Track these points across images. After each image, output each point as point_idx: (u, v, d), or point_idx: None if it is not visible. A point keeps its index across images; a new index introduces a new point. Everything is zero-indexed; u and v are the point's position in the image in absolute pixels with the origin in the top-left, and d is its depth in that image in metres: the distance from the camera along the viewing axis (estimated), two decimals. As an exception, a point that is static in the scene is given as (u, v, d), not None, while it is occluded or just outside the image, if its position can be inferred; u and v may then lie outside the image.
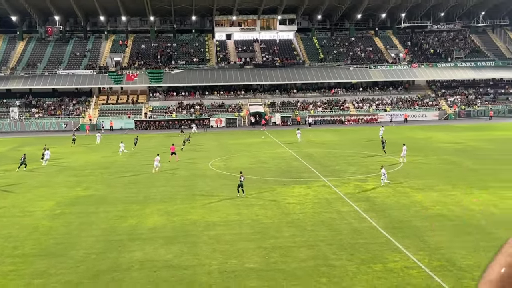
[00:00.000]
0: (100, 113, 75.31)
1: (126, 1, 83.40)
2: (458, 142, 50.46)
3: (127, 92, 79.85)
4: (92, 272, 19.39)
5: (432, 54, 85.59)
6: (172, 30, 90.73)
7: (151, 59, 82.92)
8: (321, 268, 19.42)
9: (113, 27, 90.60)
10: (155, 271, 19.41)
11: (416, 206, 27.53)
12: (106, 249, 22.01)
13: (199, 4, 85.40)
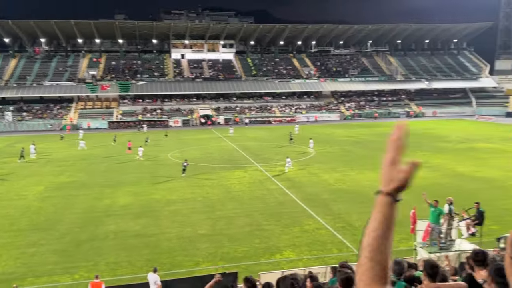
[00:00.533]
0: (79, 116, 71.80)
1: (100, 27, 79.96)
2: (353, 136, 52.17)
3: (101, 99, 76.48)
4: (75, 242, 18.57)
5: (334, 71, 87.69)
6: (137, 50, 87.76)
7: (121, 73, 79.81)
8: (255, 232, 19.55)
9: (89, 48, 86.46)
10: (126, 239, 18.84)
11: (324, 183, 28.27)
12: (86, 223, 21.12)
13: (158, 31, 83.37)
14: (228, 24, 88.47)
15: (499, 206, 21.70)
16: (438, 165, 32.99)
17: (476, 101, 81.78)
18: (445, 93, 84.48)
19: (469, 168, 31.46)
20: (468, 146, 42.18)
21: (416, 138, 48.06)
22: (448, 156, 36.92)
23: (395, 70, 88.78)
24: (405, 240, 17.45)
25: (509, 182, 27.12)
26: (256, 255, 16.93)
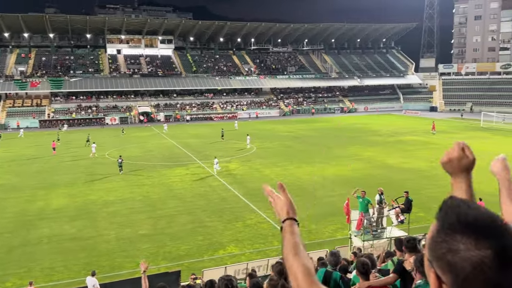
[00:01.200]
0: (7, 114, 66.58)
1: (28, 21, 74.51)
2: (292, 131, 53.33)
3: (31, 97, 71.42)
4: (6, 248, 17.29)
5: (273, 69, 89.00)
6: (70, 45, 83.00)
7: (52, 69, 74.99)
8: (198, 229, 19.39)
9: (17, 42, 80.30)
10: (62, 243, 17.86)
11: (265, 178, 28.65)
12: (17, 228, 19.72)
13: (93, 25, 79.47)
14: (166, 20, 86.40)
15: (425, 194, 23.29)
16: (370, 158, 34.71)
17: (404, 97, 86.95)
18: (376, 90, 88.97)
19: (398, 160, 33.43)
20: (397, 139, 44.78)
21: (350, 133, 50.17)
22: (378, 148, 38.95)
23: (330, 68, 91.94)
24: (340, 230, 18.22)
25: (433, 172, 29.16)
26: (199, 252, 16.80)
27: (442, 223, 1.03)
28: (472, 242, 0.96)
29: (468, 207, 1.03)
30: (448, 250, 0.99)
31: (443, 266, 1.01)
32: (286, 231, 1.67)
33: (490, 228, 0.98)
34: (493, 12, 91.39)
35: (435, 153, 36.12)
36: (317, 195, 24.10)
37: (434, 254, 1.03)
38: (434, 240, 1.03)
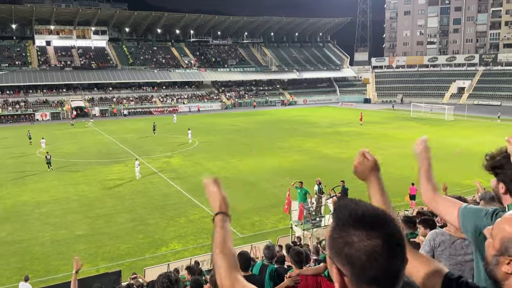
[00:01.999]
0: None
1: None
2: (235, 124, 53.48)
3: None
4: None
5: (214, 61, 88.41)
6: (-8, 36, 76.81)
7: (-28, 62, 69.05)
8: (139, 227, 18.96)
9: None
10: (-11, 250, 16.64)
11: (208, 172, 28.53)
12: None
13: (19, 15, 73.83)
14: (100, 10, 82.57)
15: (360, 183, 24.37)
16: (309, 149, 35.80)
17: (340, 89, 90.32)
18: (314, 83, 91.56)
19: (335, 150, 34.79)
20: (334, 130, 46.52)
21: (291, 125, 51.32)
22: (317, 140, 40.25)
23: (270, 61, 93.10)
24: (282, 220, 18.69)
25: (367, 161, 30.71)
26: (140, 251, 16.45)
27: (337, 221, 1.14)
28: (363, 234, 1.09)
29: (356, 204, 1.14)
30: (345, 244, 1.10)
31: (342, 260, 1.11)
32: (217, 225, 1.71)
33: (377, 220, 1.11)
34: (421, 8, 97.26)
35: (369, 143, 38.02)
36: (260, 187, 24.47)
37: (334, 250, 1.13)
38: (332, 237, 1.14)
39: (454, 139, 38.47)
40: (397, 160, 30.71)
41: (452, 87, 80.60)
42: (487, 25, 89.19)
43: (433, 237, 3.26)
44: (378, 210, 1.15)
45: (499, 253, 1.42)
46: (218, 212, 1.76)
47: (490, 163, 2.16)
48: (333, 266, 1.15)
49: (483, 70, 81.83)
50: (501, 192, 2.13)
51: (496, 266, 1.43)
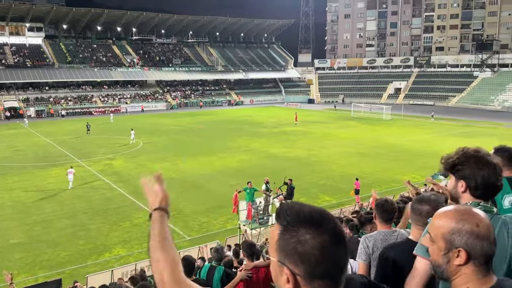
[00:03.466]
0: None
1: None
2: (180, 125, 52.70)
3: None
4: None
5: (158, 60, 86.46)
6: None
7: None
8: (79, 233, 18.14)
9: None
10: None
11: (153, 174, 27.84)
12: None
13: None
14: (35, 6, 77.60)
15: (306, 180, 25.15)
16: (256, 148, 36.15)
17: (285, 90, 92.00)
18: (260, 83, 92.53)
19: (281, 150, 35.40)
20: (280, 130, 47.32)
21: (238, 125, 51.49)
22: (264, 139, 40.73)
23: (216, 61, 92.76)
24: (230, 220, 18.72)
25: (312, 159, 31.59)
26: (82, 258, 15.74)
27: (286, 223, 1.18)
28: (314, 231, 1.15)
29: (300, 205, 1.21)
30: (298, 243, 1.15)
31: (295, 260, 1.15)
32: (156, 220, 1.64)
33: (322, 217, 1.18)
34: (360, 12, 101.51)
35: (314, 142, 39.12)
36: (207, 188, 24.32)
37: (285, 252, 1.17)
38: (283, 239, 1.18)
39: (392, 137, 40.56)
40: (339, 158, 31.86)
41: (389, 88, 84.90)
42: (421, 29, 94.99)
43: (366, 245, 3.25)
44: (321, 209, 1.23)
45: (447, 251, 1.51)
46: (157, 208, 1.68)
47: (449, 161, 2.19)
48: (284, 268, 1.17)
49: (418, 72, 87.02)
50: (461, 190, 2.15)
51: (448, 263, 1.52)
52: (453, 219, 1.51)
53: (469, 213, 1.52)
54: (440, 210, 1.61)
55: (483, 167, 2.06)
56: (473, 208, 1.56)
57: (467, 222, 1.48)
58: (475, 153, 2.11)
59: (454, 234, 1.49)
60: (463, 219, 1.50)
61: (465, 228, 1.48)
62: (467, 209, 1.55)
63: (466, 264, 1.48)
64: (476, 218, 1.49)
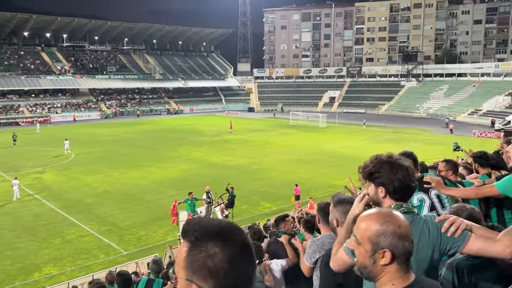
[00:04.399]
0: None
1: None
2: (116, 135, 50.71)
3: None
4: None
5: (91, 68, 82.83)
6: None
7: None
8: (6, 252, 16.76)
9: None
10: None
11: (87, 187, 26.55)
12: None
13: None
14: (-50, 6, 71.33)
15: (247, 188, 25.25)
16: (197, 157, 35.74)
17: (225, 98, 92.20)
18: (200, 92, 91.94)
19: (223, 158, 35.31)
20: (221, 138, 47.23)
21: (177, 134, 50.63)
22: (205, 148, 40.40)
23: (153, 68, 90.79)
24: (171, 232, 18.26)
25: (253, 167, 31.83)
26: (9, 279, 14.52)
27: (194, 239, 1.16)
28: (224, 244, 1.14)
29: (208, 220, 1.21)
30: (207, 257, 1.13)
31: (204, 274, 1.13)
32: None
33: (231, 230, 1.19)
34: (295, 23, 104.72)
35: (255, 150, 39.49)
36: (146, 200, 23.57)
37: (194, 268, 1.14)
38: (191, 255, 1.15)
39: (328, 144, 42.07)
40: (279, 165, 32.42)
41: (324, 97, 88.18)
42: (353, 40, 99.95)
43: (314, 250, 3.38)
44: (229, 222, 1.24)
45: (373, 252, 1.59)
46: None
47: (366, 170, 2.31)
48: (193, 286, 1.15)
49: (350, 82, 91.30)
50: (382, 196, 2.28)
51: (374, 264, 1.59)
52: (378, 221, 1.60)
53: (391, 215, 1.62)
54: (363, 213, 1.71)
55: (397, 171, 2.21)
56: (393, 211, 1.68)
57: (390, 224, 1.57)
58: (388, 159, 2.26)
59: (379, 236, 1.57)
60: (386, 221, 1.59)
61: (389, 230, 1.57)
62: (388, 212, 1.66)
63: (391, 263, 1.57)
64: (397, 220, 1.60)
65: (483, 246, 2.04)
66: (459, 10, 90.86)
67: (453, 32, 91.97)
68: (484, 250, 2.05)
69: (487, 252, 2.06)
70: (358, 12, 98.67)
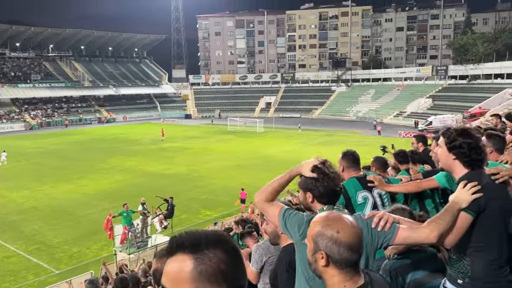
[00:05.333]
0: None
1: None
2: (43, 147, 47.51)
3: None
4: None
5: (13, 76, 77.01)
6: None
7: None
8: None
9: None
10: None
11: (11, 204, 24.56)
12: None
13: None
14: None
15: (187, 197, 24.81)
16: (132, 167, 34.52)
17: (161, 105, 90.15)
18: (133, 99, 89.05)
19: (160, 167, 34.41)
20: (158, 146, 46.05)
21: (110, 144, 48.56)
22: (140, 157, 39.14)
23: (82, 76, 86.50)
24: (106, 247, 17.40)
25: (192, 175, 31.37)
26: None
27: (198, 248, 1.15)
28: (225, 249, 1.17)
29: (198, 231, 1.22)
30: (220, 261, 1.14)
31: (219, 279, 1.13)
32: None
33: (225, 236, 1.21)
34: (229, 30, 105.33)
35: (193, 157, 38.97)
36: (78, 214, 22.28)
37: (207, 275, 1.12)
38: (200, 265, 1.13)
39: (266, 149, 42.68)
40: (219, 171, 32.29)
41: (261, 102, 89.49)
42: (285, 47, 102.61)
43: (260, 254, 3.40)
44: (216, 230, 1.27)
45: (314, 251, 1.63)
46: None
47: None
48: None
49: (285, 87, 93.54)
50: (310, 201, 2.39)
51: (316, 263, 1.63)
52: (320, 223, 1.65)
53: (335, 219, 1.64)
54: (318, 214, 1.78)
55: (323, 178, 2.33)
56: (343, 217, 1.69)
57: (330, 228, 1.61)
58: (316, 166, 2.36)
59: (318, 237, 1.62)
60: (327, 225, 1.62)
61: (326, 233, 1.60)
62: (336, 216, 1.69)
63: (328, 266, 1.60)
64: (339, 225, 1.62)
65: (411, 234, 2.17)
66: (383, 18, 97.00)
67: (378, 39, 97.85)
68: (412, 237, 2.19)
69: (414, 239, 2.21)
70: (289, 20, 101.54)
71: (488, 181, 2.33)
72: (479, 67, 70.74)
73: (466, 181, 2.30)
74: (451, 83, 74.24)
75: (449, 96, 67.64)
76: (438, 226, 2.16)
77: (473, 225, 2.29)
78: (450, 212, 2.23)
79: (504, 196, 2.36)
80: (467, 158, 2.35)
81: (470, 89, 67.80)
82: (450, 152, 2.40)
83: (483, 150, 2.37)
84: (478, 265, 2.32)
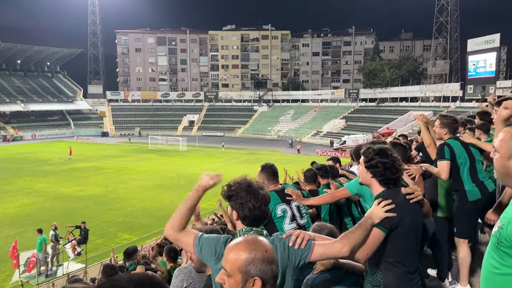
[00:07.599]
0: None
1: None
2: None
3: None
4: None
5: None
6: None
7: None
8: None
9: None
10: None
11: None
12: None
13: None
14: None
15: (102, 220, 23.42)
16: (42, 189, 31.86)
17: (74, 122, 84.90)
18: (43, 116, 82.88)
19: (73, 188, 32.18)
20: (71, 166, 43.10)
21: (16, 164, 44.45)
22: (51, 179, 36.30)
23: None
24: (9, 278, 15.71)
25: (109, 196, 29.76)
26: None
27: None
28: None
29: (127, 276, 1.27)
30: None
31: None
32: None
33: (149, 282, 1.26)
34: (150, 47, 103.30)
35: (110, 177, 37.06)
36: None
37: None
38: None
39: (189, 168, 42.05)
40: (139, 192, 31.05)
41: (183, 121, 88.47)
42: (208, 66, 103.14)
43: (181, 279, 3.34)
44: (145, 274, 1.32)
45: (244, 282, 1.57)
46: None
47: (226, 191, 2.32)
48: None
49: (208, 106, 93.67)
50: (235, 218, 2.33)
51: None
52: (245, 250, 1.59)
53: (257, 242, 1.64)
54: (231, 243, 1.69)
55: (250, 200, 2.24)
56: (258, 237, 1.71)
57: (258, 251, 1.59)
58: (247, 187, 2.28)
59: (249, 265, 1.57)
60: (254, 249, 1.60)
61: (257, 257, 1.58)
62: (254, 239, 1.68)
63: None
64: (263, 245, 1.63)
65: (325, 250, 2.23)
66: (300, 42, 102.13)
67: (296, 62, 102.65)
68: (326, 253, 2.26)
69: (328, 254, 2.28)
70: (212, 40, 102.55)
71: (402, 200, 2.51)
72: (386, 91, 77.37)
73: (381, 199, 2.47)
74: (362, 105, 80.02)
75: (360, 117, 72.77)
76: (350, 240, 2.26)
77: (386, 241, 2.46)
78: (363, 227, 2.36)
79: (416, 213, 2.58)
80: (382, 177, 2.53)
81: (379, 111, 73.65)
82: (367, 170, 2.57)
83: (398, 169, 2.56)
84: (389, 278, 2.50)
